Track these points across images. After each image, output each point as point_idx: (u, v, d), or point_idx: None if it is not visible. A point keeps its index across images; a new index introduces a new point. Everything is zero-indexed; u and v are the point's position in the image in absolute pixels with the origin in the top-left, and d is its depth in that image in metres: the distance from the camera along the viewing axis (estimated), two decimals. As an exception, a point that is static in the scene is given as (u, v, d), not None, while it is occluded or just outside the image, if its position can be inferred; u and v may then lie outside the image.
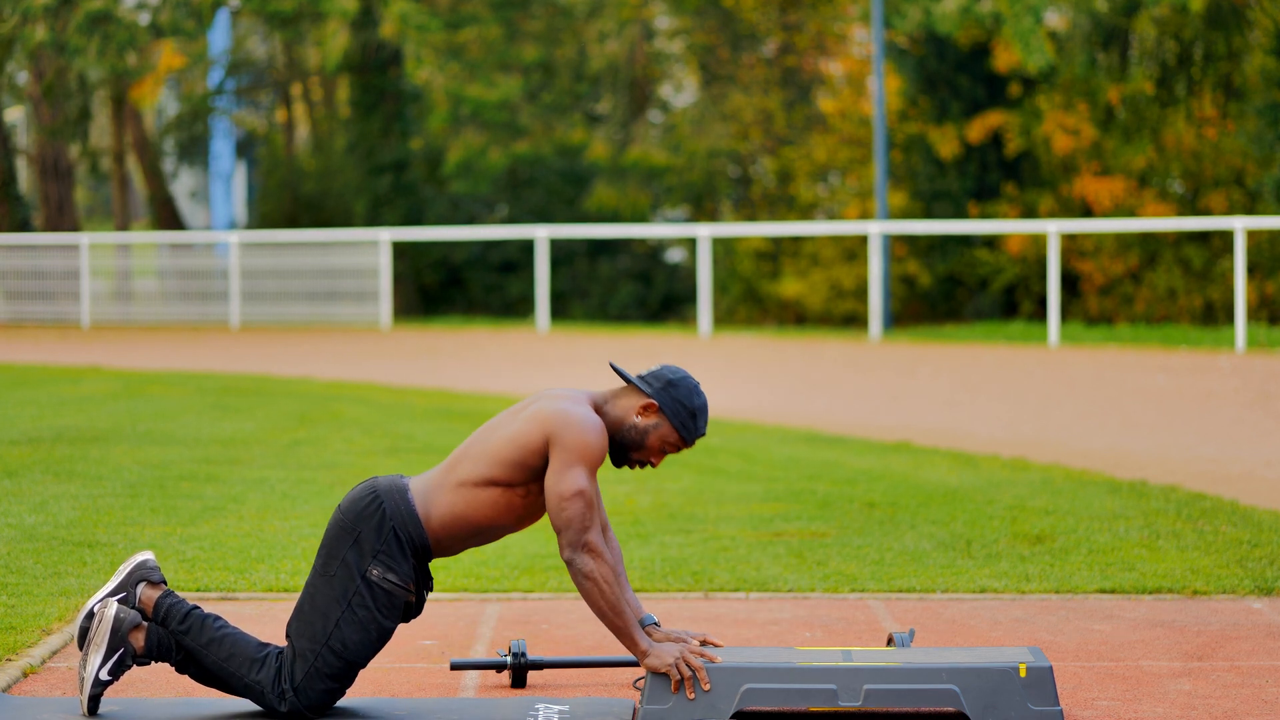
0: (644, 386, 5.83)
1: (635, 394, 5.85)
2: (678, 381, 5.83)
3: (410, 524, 5.74)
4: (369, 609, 5.70)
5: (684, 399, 5.82)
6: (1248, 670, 6.54)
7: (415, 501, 5.76)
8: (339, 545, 5.75)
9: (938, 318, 34.20)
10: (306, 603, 5.76)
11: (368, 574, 5.71)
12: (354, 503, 5.79)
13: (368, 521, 5.74)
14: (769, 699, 5.70)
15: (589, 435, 5.70)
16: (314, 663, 5.70)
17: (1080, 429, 14.83)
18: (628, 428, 5.82)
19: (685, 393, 5.82)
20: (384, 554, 5.72)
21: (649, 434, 5.82)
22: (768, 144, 37.98)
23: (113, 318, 33.36)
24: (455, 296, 38.70)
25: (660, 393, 5.82)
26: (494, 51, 37.53)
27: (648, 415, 5.82)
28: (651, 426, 5.82)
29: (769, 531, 9.49)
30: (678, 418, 5.81)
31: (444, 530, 5.77)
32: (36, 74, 36.38)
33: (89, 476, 11.34)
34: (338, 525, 5.78)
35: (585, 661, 6.44)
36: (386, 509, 5.74)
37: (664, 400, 5.81)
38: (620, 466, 5.88)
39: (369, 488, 5.81)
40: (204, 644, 5.77)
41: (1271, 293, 30.34)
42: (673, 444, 5.84)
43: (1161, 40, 34.14)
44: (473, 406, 16.62)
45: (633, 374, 5.90)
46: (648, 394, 5.82)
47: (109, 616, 5.73)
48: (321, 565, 5.76)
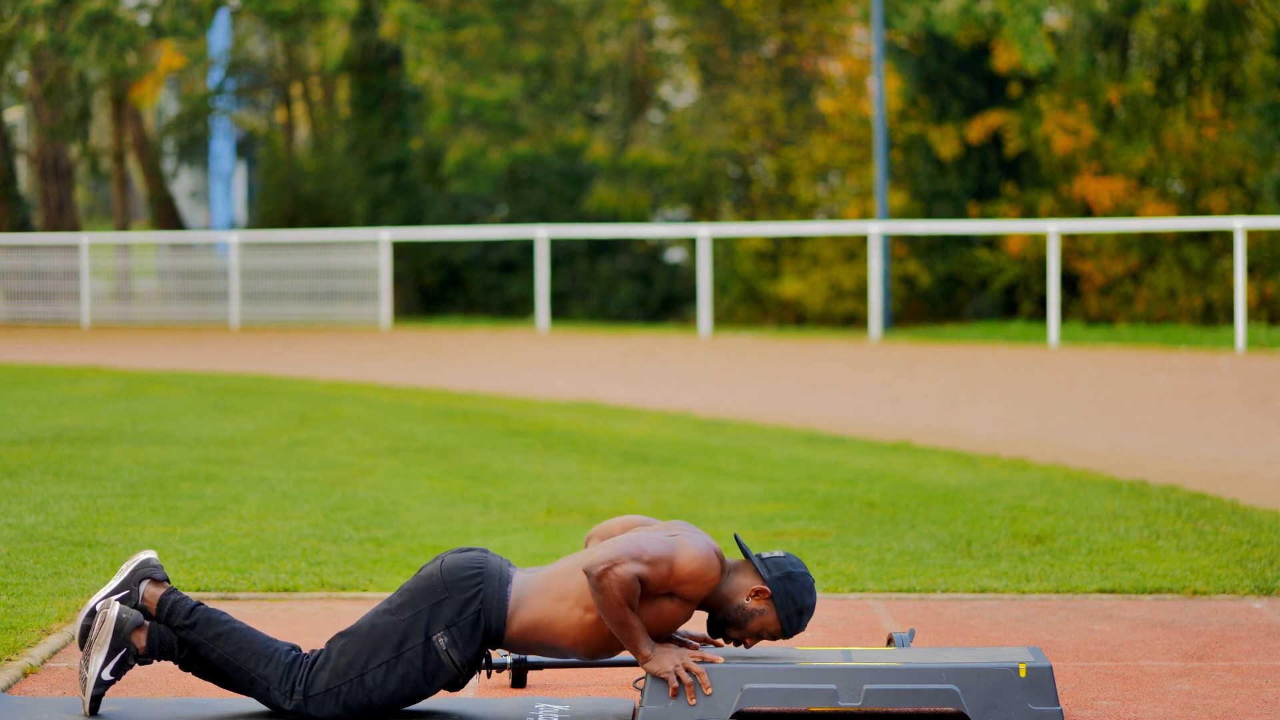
0: (763, 571, 5.81)
1: (752, 575, 5.82)
2: (797, 576, 5.81)
3: (495, 615, 5.70)
4: (416, 668, 5.68)
5: (797, 595, 5.80)
6: (1248, 670, 6.55)
7: (511, 595, 5.72)
8: (422, 598, 5.72)
9: (938, 318, 34.20)
10: (365, 627, 5.74)
11: (433, 639, 5.68)
12: (457, 569, 5.74)
13: (459, 592, 5.70)
14: (769, 699, 5.70)
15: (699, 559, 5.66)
16: (340, 684, 5.68)
17: (1080, 429, 14.83)
18: (735, 606, 5.80)
19: (799, 590, 5.80)
20: (457, 629, 5.68)
21: (753, 618, 5.80)
22: (768, 144, 37.98)
23: (113, 318, 33.36)
24: (455, 296, 38.70)
25: (776, 582, 5.79)
26: (494, 51, 37.52)
27: (758, 600, 5.79)
28: (758, 612, 5.80)
29: (769, 531, 9.49)
30: (785, 611, 5.79)
31: (522, 633, 5.73)
32: (36, 74, 36.38)
33: (89, 476, 11.34)
34: (430, 579, 5.74)
35: (585, 661, 6.44)
36: (483, 590, 5.70)
37: (778, 591, 5.79)
38: (715, 637, 5.87)
39: (478, 561, 5.76)
40: (210, 638, 5.76)
41: (1271, 293, 30.33)
42: (771, 634, 5.82)
43: (1161, 40, 34.14)
44: (473, 406, 16.62)
45: (755, 553, 5.88)
46: (765, 580, 5.80)
47: (111, 616, 5.73)
48: (397, 606, 5.73)
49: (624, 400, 17.35)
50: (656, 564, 5.62)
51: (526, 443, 13.55)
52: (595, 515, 9.95)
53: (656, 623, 5.72)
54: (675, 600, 5.71)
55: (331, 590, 7.97)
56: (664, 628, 5.75)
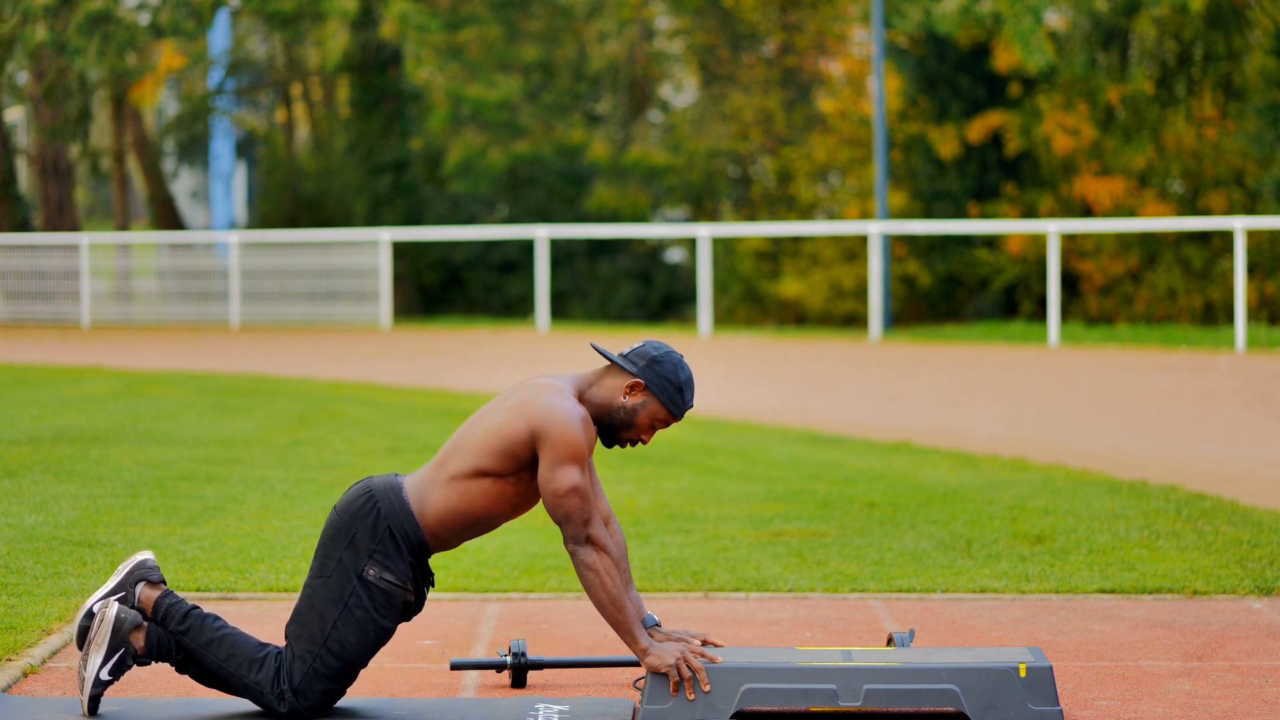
0: (628, 365, 5.81)
1: (620, 374, 5.83)
2: (661, 358, 5.81)
3: (405, 522, 5.73)
4: (366, 609, 5.70)
5: (669, 374, 5.80)
6: (1248, 670, 6.54)
7: (410, 499, 5.75)
8: (335, 546, 5.74)
9: (938, 318, 34.19)
10: (304, 604, 5.75)
11: (364, 574, 5.70)
12: (349, 503, 5.78)
13: (363, 521, 5.73)
14: (769, 699, 5.70)
15: (574, 429, 5.68)
16: (313, 664, 5.69)
17: (1080, 429, 14.83)
18: (615, 408, 5.80)
19: (670, 368, 5.80)
20: (380, 553, 5.71)
21: (637, 412, 5.80)
22: (768, 144, 37.98)
23: (113, 318, 33.36)
24: (455, 296, 38.70)
25: (645, 370, 5.80)
26: (494, 51, 37.52)
27: (634, 394, 5.80)
28: (639, 405, 5.80)
29: (769, 531, 9.49)
30: (665, 394, 5.79)
31: (439, 525, 5.75)
32: (36, 74, 36.37)
33: (89, 476, 11.34)
34: (333, 526, 5.77)
35: (585, 661, 6.44)
36: (381, 508, 5.73)
37: (649, 378, 5.79)
38: (611, 446, 5.87)
39: (364, 488, 5.80)
40: (203, 644, 5.76)
41: (1271, 293, 30.33)
42: (662, 420, 5.82)
43: (1161, 40, 34.14)
44: (473, 406, 16.61)
45: (615, 353, 5.88)
46: (632, 373, 5.80)
47: (110, 617, 5.73)
48: (318, 567, 5.76)
49: (624, 400, 17.32)
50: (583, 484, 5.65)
51: (526, 443, 13.52)
52: (595, 515, 9.93)
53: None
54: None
55: (331, 590, 7.97)
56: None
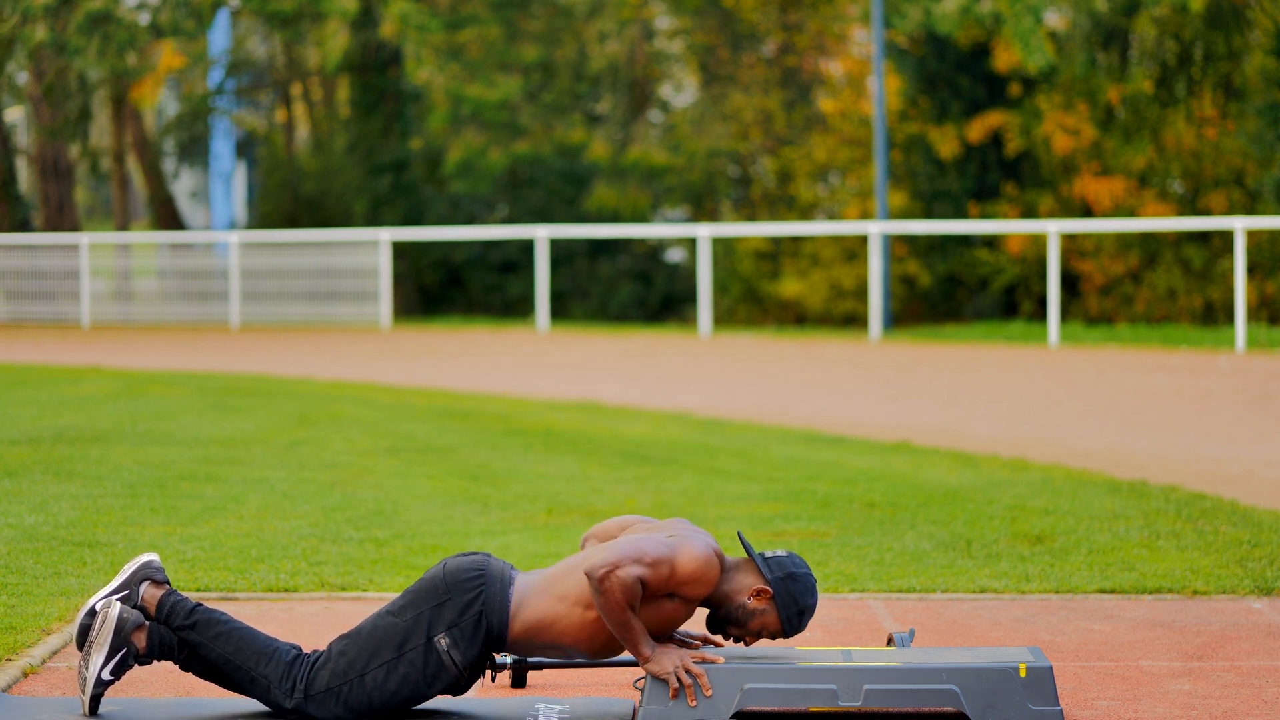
0: (766, 571, 5.80)
1: (754, 574, 5.81)
2: (799, 577, 5.80)
3: (497, 616, 5.70)
4: (416, 669, 5.68)
5: (799, 596, 5.79)
6: (1248, 670, 6.54)
7: (513, 597, 5.72)
8: (424, 599, 5.72)
9: (938, 318, 34.20)
10: (367, 628, 5.74)
11: (435, 639, 5.68)
12: (459, 571, 5.74)
13: (461, 594, 5.70)
14: (769, 699, 5.70)
15: (700, 560, 5.65)
16: (341, 684, 5.69)
17: (1080, 429, 14.83)
18: (736, 605, 5.79)
19: (801, 590, 5.79)
20: (459, 630, 5.68)
21: (754, 618, 5.79)
22: (768, 144, 37.98)
23: (113, 318, 33.36)
24: (455, 296, 38.70)
25: (778, 582, 5.78)
26: (494, 51, 37.52)
27: (760, 600, 5.79)
28: (759, 612, 5.79)
29: (769, 531, 9.48)
30: (786, 611, 5.79)
31: (524, 633, 5.73)
32: (36, 74, 36.37)
33: (89, 476, 11.34)
34: (433, 581, 5.74)
35: (585, 661, 6.43)
36: (485, 594, 5.70)
37: (779, 590, 5.78)
38: (714, 634, 5.86)
39: (480, 564, 5.76)
40: (210, 638, 5.76)
41: (1271, 293, 30.33)
42: (771, 633, 5.82)
43: (1161, 40, 34.14)
44: (473, 406, 16.62)
45: (758, 552, 5.87)
46: (767, 580, 5.79)
47: (112, 616, 5.73)
48: (398, 607, 5.74)
49: (624, 400, 17.35)
50: (657, 565, 5.62)
51: (526, 443, 13.55)
52: (595, 515, 9.95)
53: (657, 622, 5.71)
54: (676, 600, 5.70)
55: (331, 590, 7.97)
56: (665, 627, 5.74)
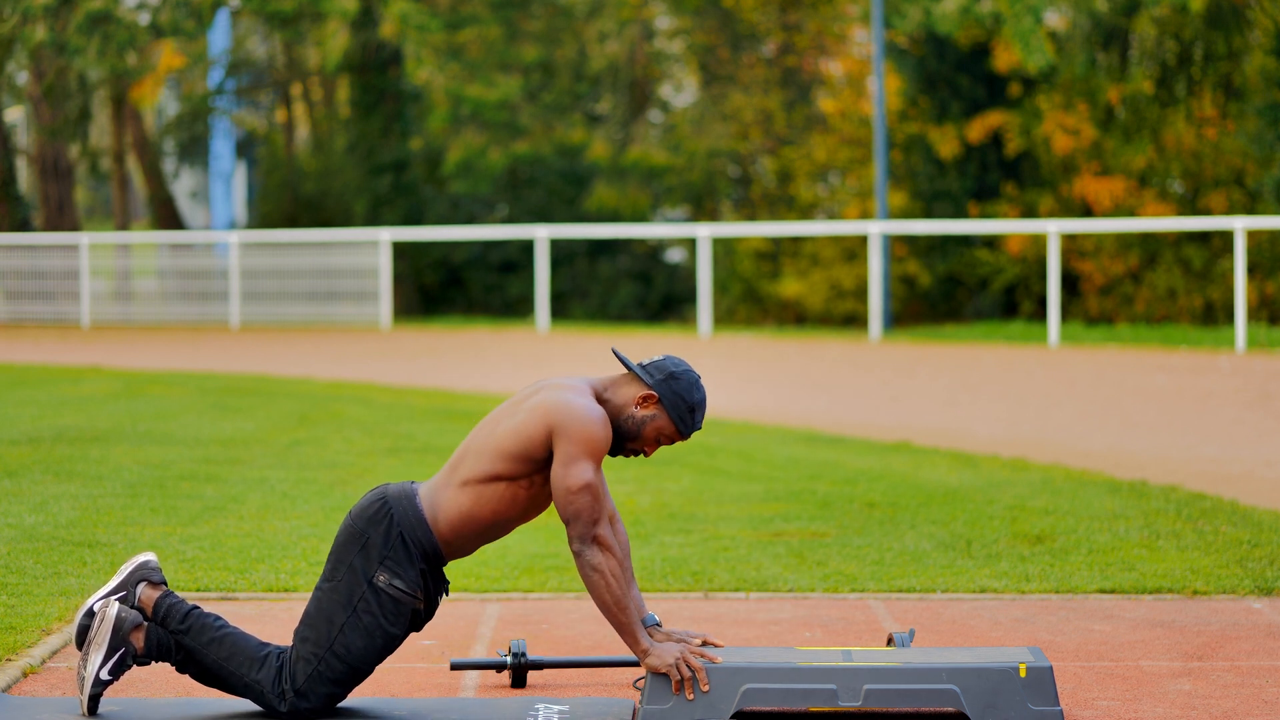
0: (645, 377, 5.81)
1: (636, 383, 5.83)
2: (679, 374, 5.81)
3: (418, 528, 5.72)
4: (374, 615, 5.69)
5: (684, 393, 5.80)
6: (1248, 670, 6.54)
7: (423, 505, 5.75)
8: (347, 551, 5.74)
9: (938, 318, 34.19)
10: (313, 607, 5.75)
11: (374, 580, 5.69)
12: (364, 509, 5.77)
13: (375, 527, 5.72)
14: (769, 699, 5.70)
15: (593, 427, 5.68)
16: (317, 666, 5.69)
17: (1080, 429, 14.83)
18: (625, 417, 5.80)
19: (685, 386, 5.80)
20: (391, 560, 5.70)
21: (646, 424, 5.80)
22: (768, 144, 37.98)
23: (113, 318, 33.35)
24: (455, 296, 38.70)
25: (661, 384, 5.80)
26: (494, 51, 37.52)
27: (646, 406, 5.80)
28: (649, 418, 5.80)
29: (769, 531, 9.49)
30: (676, 411, 5.79)
31: (452, 532, 5.75)
32: (36, 74, 36.37)
33: (89, 476, 11.34)
34: (346, 530, 5.76)
35: (585, 661, 6.44)
36: (395, 514, 5.72)
37: (664, 392, 5.79)
38: (614, 455, 5.87)
39: (379, 494, 5.79)
40: (204, 644, 5.76)
41: (1271, 293, 30.33)
42: (668, 436, 5.82)
43: (1161, 40, 34.13)
44: (473, 406, 16.62)
45: (635, 362, 5.88)
46: (649, 384, 5.80)
47: (110, 616, 5.73)
48: (329, 570, 5.75)
49: (624, 400, 17.31)
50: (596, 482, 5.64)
51: (526, 443, 13.52)
52: (595, 515, 9.93)
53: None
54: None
55: (331, 590, 7.96)
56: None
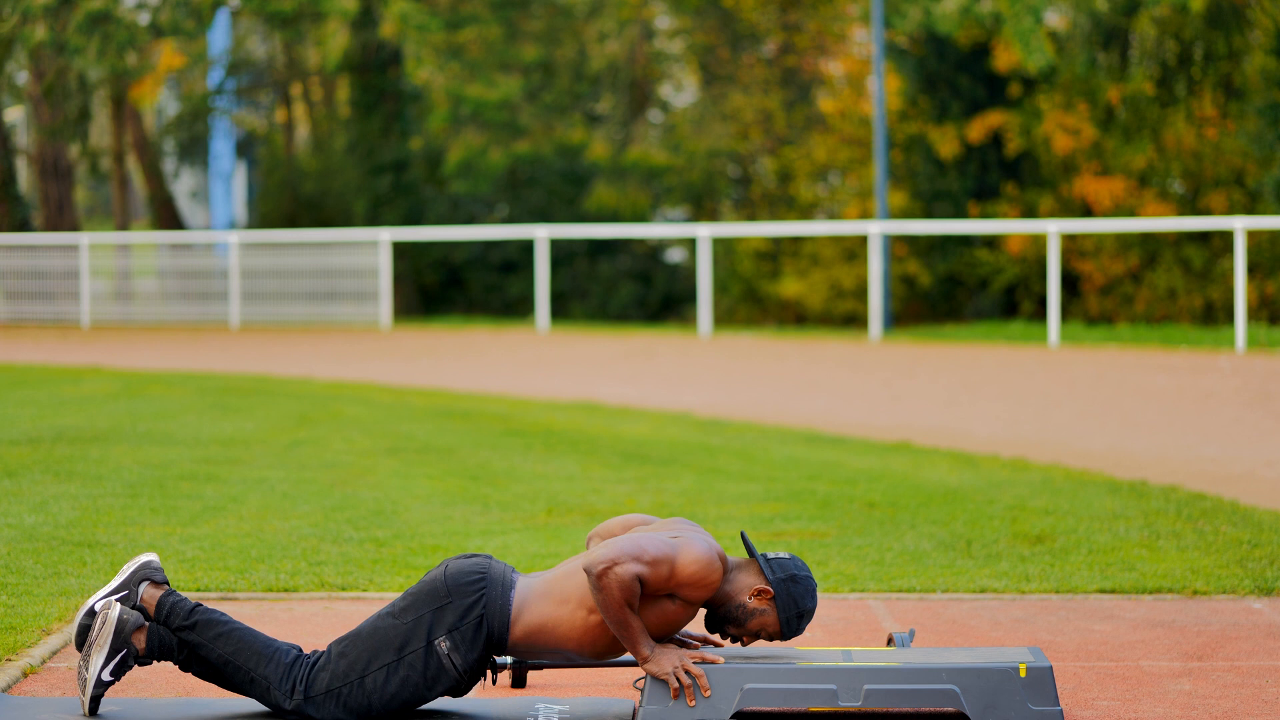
0: (768, 572, 5.79)
1: (756, 574, 5.81)
2: (800, 579, 5.80)
3: (498, 619, 5.69)
4: (417, 671, 5.67)
5: (799, 598, 5.79)
6: (1248, 670, 6.54)
7: (514, 601, 5.71)
8: (425, 602, 5.71)
9: (938, 318, 34.19)
10: (367, 630, 5.73)
11: (435, 642, 5.67)
12: (461, 574, 5.73)
13: (462, 597, 5.69)
14: (769, 699, 5.70)
15: (702, 561, 5.65)
16: (341, 686, 5.68)
17: (1080, 429, 14.83)
18: (736, 605, 5.78)
19: (802, 593, 5.79)
20: (460, 634, 5.68)
21: (754, 618, 5.79)
22: (768, 144, 37.97)
23: (113, 318, 33.35)
24: (455, 296, 38.69)
25: (780, 584, 5.78)
26: (494, 51, 37.52)
27: (760, 600, 5.78)
28: (759, 612, 5.79)
29: (769, 531, 9.48)
30: (785, 613, 5.78)
31: (525, 638, 5.73)
32: (36, 74, 36.37)
33: (89, 476, 11.34)
34: (433, 583, 5.73)
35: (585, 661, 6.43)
36: (486, 595, 5.70)
37: (780, 592, 5.78)
38: (712, 632, 5.85)
39: (481, 566, 5.75)
40: (210, 639, 5.75)
41: (1271, 293, 30.33)
42: (769, 635, 5.81)
43: (1161, 40, 34.13)
44: (473, 406, 16.62)
45: (760, 553, 5.87)
46: (769, 580, 5.79)
47: (112, 617, 5.72)
48: (399, 609, 5.73)
49: (624, 400, 17.35)
50: (657, 564, 5.61)
51: (526, 443, 13.55)
52: (595, 515, 9.95)
53: (658, 623, 5.71)
54: (676, 601, 5.70)
55: (331, 590, 7.97)
56: (665, 628, 5.74)
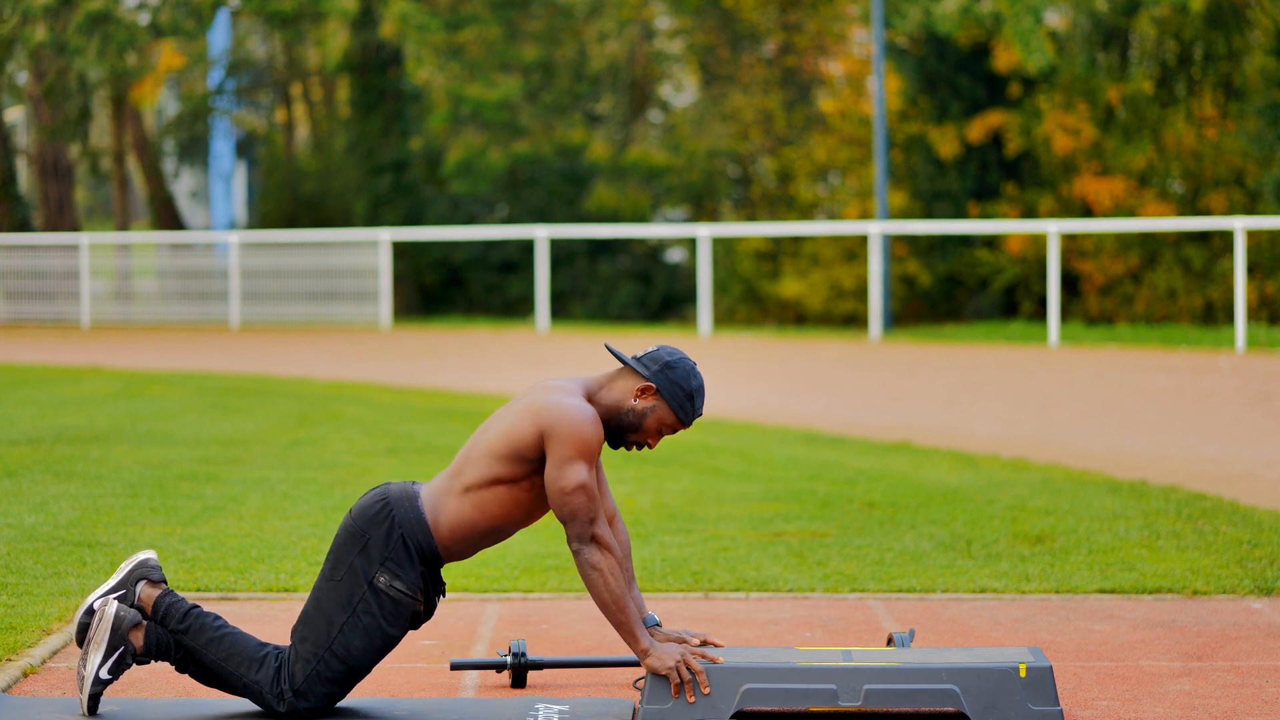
0: (640, 369, 5.81)
1: (632, 376, 5.83)
2: (675, 363, 5.81)
3: (419, 531, 5.72)
4: (374, 616, 5.69)
5: (681, 381, 5.79)
6: (1248, 670, 6.54)
7: (425, 508, 5.74)
8: (347, 551, 5.74)
9: (938, 318, 34.19)
10: (312, 606, 5.75)
11: (374, 581, 5.69)
12: (364, 509, 5.77)
13: (377, 528, 5.72)
14: (769, 699, 5.70)
15: (583, 427, 5.68)
16: (316, 666, 5.69)
17: (1080, 429, 14.83)
18: (625, 411, 5.80)
19: (682, 374, 5.80)
20: (391, 561, 5.70)
21: (646, 416, 5.79)
22: (768, 144, 37.98)
23: (113, 318, 33.35)
24: (455, 296, 38.70)
25: (657, 375, 5.79)
26: (494, 51, 37.52)
27: (645, 398, 5.79)
28: (649, 409, 5.79)
29: (769, 531, 9.49)
30: (675, 400, 5.79)
31: (452, 536, 5.74)
32: (36, 74, 36.37)
33: (89, 476, 11.34)
34: (347, 530, 5.76)
35: (585, 661, 6.44)
36: (396, 516, 5.72)
37: (661, 382, 5.78)
38: (617, 448, 5.86)
39: (380, 494, 5.79)
40: (203, 643, 5.76)
41: (1271, 293, 30.33)
42: (670, 426, 5.81)
43: (1161, 40, 34.13)
44: (473, 406, 16.62)
45: (629, 355, 5.88)
46: (645, 376, 5.79)
47: (109, 615, 5.73)
48: (329, 570, 5.75)
49: (624, 400, 17.32)
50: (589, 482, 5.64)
51: (526, 443, 13.52)
52: (595, 515, 9.93)
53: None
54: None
55: (331, 590, 7.96)
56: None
